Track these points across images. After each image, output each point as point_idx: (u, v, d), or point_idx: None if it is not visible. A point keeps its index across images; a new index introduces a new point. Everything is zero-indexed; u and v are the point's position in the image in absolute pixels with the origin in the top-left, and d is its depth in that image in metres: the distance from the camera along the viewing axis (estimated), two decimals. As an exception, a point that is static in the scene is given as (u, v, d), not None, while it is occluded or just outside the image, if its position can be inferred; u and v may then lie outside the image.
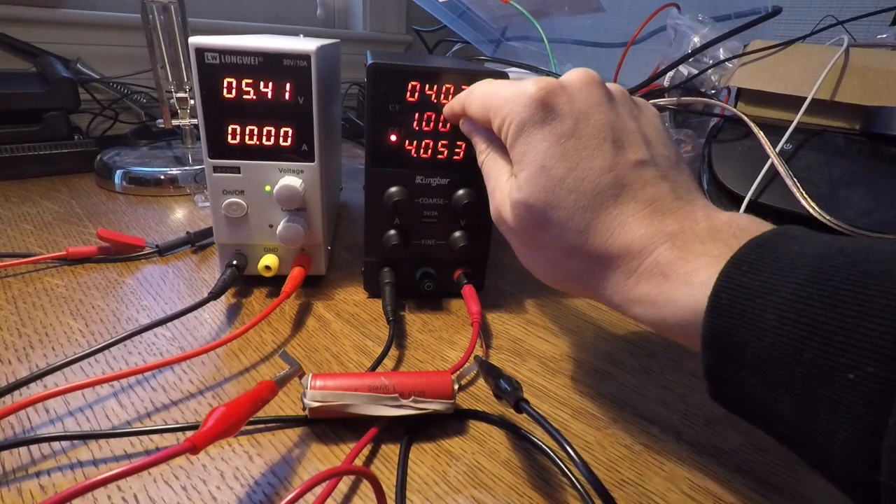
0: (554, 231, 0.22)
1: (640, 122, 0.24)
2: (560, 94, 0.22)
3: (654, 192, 0.21)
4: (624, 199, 0.21)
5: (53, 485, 0.21)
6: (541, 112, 0.22)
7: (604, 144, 0.22)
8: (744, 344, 0.16)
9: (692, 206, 0.21)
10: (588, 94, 0.23)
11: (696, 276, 0.18)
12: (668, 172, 0.22)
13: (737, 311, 0.16)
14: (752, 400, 0.17)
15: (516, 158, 0.23)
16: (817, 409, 0.14)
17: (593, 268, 0.22)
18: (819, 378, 0.14)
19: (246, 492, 0.21)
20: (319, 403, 0.24)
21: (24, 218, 0.48)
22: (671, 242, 0.20)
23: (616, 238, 0.21)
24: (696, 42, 0.56)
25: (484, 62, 0.65)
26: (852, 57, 0.44)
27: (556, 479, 0.23)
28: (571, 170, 0.21)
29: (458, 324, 0.35)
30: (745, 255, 0.17)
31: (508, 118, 0.23)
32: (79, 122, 0.72)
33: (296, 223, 0.34)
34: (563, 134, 0.22)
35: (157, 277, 0.39)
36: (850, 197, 0.40)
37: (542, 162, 0.22)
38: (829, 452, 0.15)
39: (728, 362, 0.17)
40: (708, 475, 0.24)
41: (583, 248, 0.22)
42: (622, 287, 0.21)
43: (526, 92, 0.22)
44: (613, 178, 0.21)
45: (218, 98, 0.31)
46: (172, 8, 0.56)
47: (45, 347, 0.30)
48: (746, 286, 0.16)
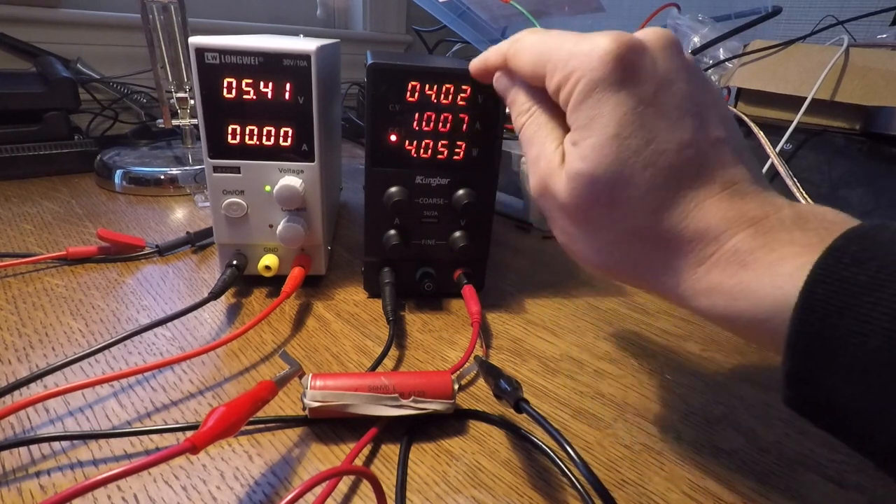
0: (618, 210, 0.20)
1: (714, 95, 0.21)
2: (642, 54, 0.19)
3: (734, 174, 0.19)
4: (703, 180, 0.19)
5: (53, 485, 0.21)
6: (619, 72, 0.19)
7: (685, 117, 0.19)
8: (842, 346, 0.14)
9: (770, 192, 0.19)
10: (671, 58, 0.20)
11: (782, 266, 0.16)
12: (743, 154, 0.20)
13: (835, 307, 0.14)
14: (844, 409, 0.15)
15: (581, 122, 0.20)
16: None
17: (657, 254, 0.20)
18: None
19: (246, 492, 0.21)
20: (319, 403, 0.24)
21: (24, 218, 0.48)
22: (753, 229, 0.18)
23: (691, 221, 0.19)
24: (696, 42, 0.56)
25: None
26: (852, 57, 0.44)
27: (556, 479, 0.23)
28: (649, 142, 0.19)
29: (458, 324, 0.35)
30: (844, 247, 0.15)
31: (576, 74, 0.20)
32: (79, 122, 0.72)
33: (296, 223, 0.34)
34: (643, 100, 0.19)
35: (157, 277, 0.39)
36: (850, 197, 0.40)
37: (616, 130, 0.19)
38: None
39: (819, 366, 0.15)
40: (708, 475, 0.24)
41: (650, 232, 0.19)
42: (690, 276, 0.19)
43: (601, 46, 0.19)
44: (694, 154, 0.19)
45: (218, 98, 0.31)
46: (172, 8, 0.56)
47: (45, 347, 0.30)
48: (849, 280, 0.14)
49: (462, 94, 0.32)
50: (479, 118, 0.32)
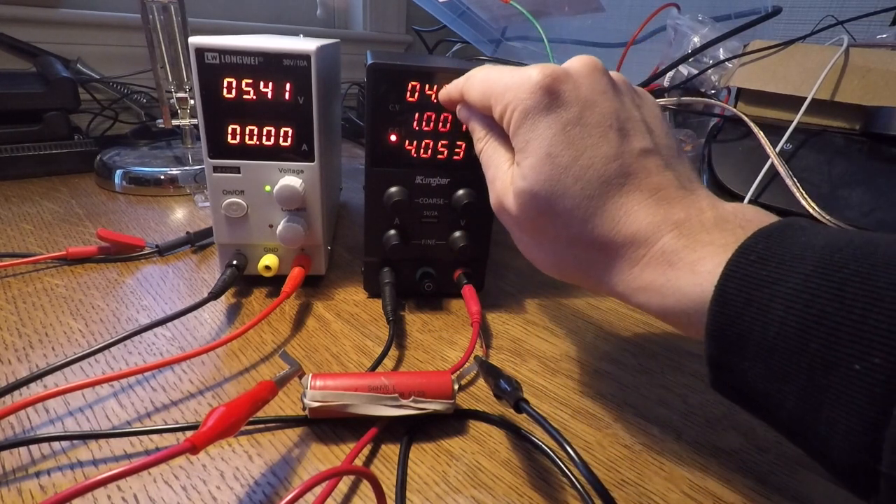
0: (559, 220, 0.22)
1: (642, 110, 0.24)
2: (565, 81, 0.22)
3: (660, 180, 0.21)
4: (630, 188, 0.21)
5: (53, 485, 0.21)
6: (546, 99, 0.22)
7: (609, 132, 0.22)
8: (749, 333, 0.16)
9: (696, 195, 0.21)
10: (593, 82, 0.22)
11: (702, 264, 0.18)
12: (670, 161, 0.22)
13: (743, 300, 0.16)
14: (754, 389, 0.17)
15: (519, 146, 0.23)
16: (821, 398, 0.15)
17: (598, 256, 0.22)
18: (824, 368, 0.14)
19: (246, 492, 0.21)
20: (319, 403, 0.24)
21: (24, 218, 0.48)
22: (678, 231, 0.20)
23: (622, 226, 0.21)
24: (696, 42, 0.56)
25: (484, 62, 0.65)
26: (852, 57, 0.44)
27: (556, 479, 0.23)
28: (577, 158, 0.21)
29: (458, 324, 0.35)
30: (752, 245, 0.17)
31: (511, 105, 0.23)
32: (79, 122, 0.72)
33: (296, 223, 0.34)
34: (569, 121, 0.22)
35: (157, 277, 0.39)
36: (850, 197, 0.40)
37: (548, 150, 0.21)
38: (830, 442, 0.15)
39: (732, 351, 0.17)
40: (708, 475, 0.24)
41: (588, 237, 0.22)
42: (627, 275, 0.21)
43: (531, 78, 0.22)
44: (619, 166, 0.21)
45: (218, 98, 0.31)
46: (172, 8, 0.56)
47: (45, 347, 0.30)
48: (754, 276, 0.16)
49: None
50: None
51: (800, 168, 0.42)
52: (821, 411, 0.15)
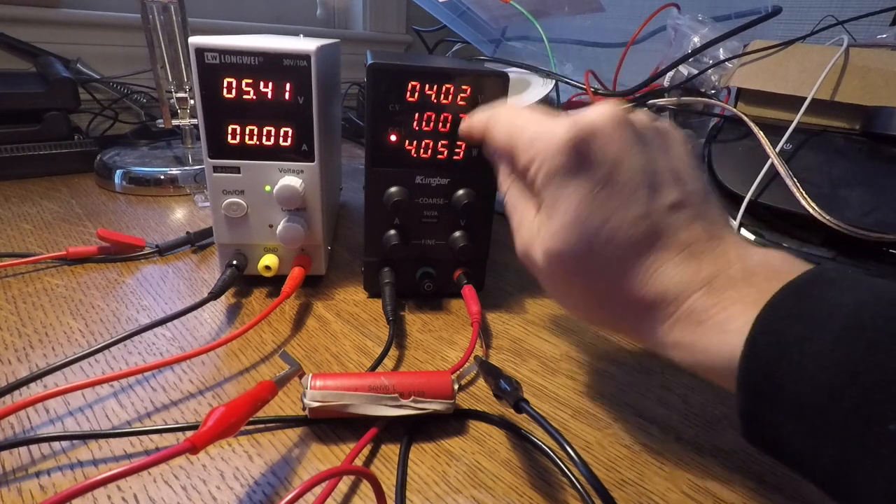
0: (588, 279, 0.22)
1: (669, 155, 0.23)
2: (594, 141, 0.21)
3: (689, 235, 0.21)
4: (660, 246, 0.21)
5: (53, 485, 0.21)
6: (574, 161, 0.21)
7: (638, 191, 0.21)
8: (781, 390, 0.16)
9: (724, 244, 0.21)
10: (620, 137, 0.22)
11: (731, 323, 0.18)
12: (699, 210, 0.22)
13: (774, 356, 0.16)
14: (789, 444, 0.17)
15: (547, 202, 0.22)
16: (858, 457, 0.14)
17: (628, 312, 0.22)
18: (860, 427, 0.14)
19: (246, 492, 0.21)
20: (319, 403, 0.24)
21: (24, 218, 0.48)
22: (707, 289, 0.20)
23: (651, 286, 0.21)
24: (696, 42, 0.56)
25: (484, 62, 0.65)
26: (852, 57, 0.44)
27: (556, 479, 0.23)
28: (606, 221, 0.21)
29: (458, 324, 0.35)
30: (781, 302, 0.17)
31: (538, 160, 0.22)
32: (79, 122, 0.72)
33: (296, 223, 0.34)
34: (598, 182, 0.21)
35: (157, 277, 0.39)
36: (850, 197, 0.40)
37: (576, 213, 0.21)
38: (871, 499, 0.14)
39: (765, 407, 0.17)
40: (708, 475, 0.24)
41: (617, 296, 0.22)
42: (657, 332, 0.21)
43: (558, 136, 0.21)
44: (648, 225, 0.21)
45: (218, 98, 0.31)
46: (172, 8, 0.56)
47: (45, 347, 0.30)
48: (784, 333, 0.16)
49: (462, 94, 0.32)
50: (479, 118, 0.32)
51: (800, 168, 0.42)
52: (859, 470, 0.15)
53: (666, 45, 0.61)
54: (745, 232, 0.43)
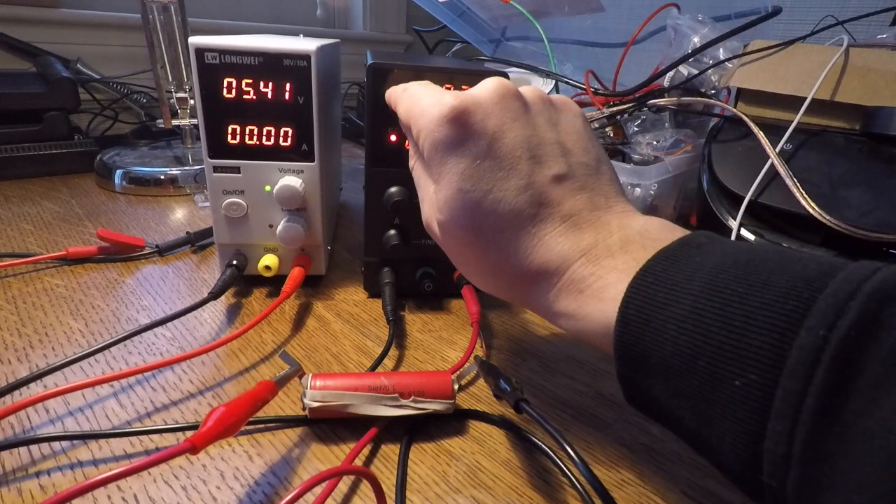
0: (477, 250, 0.22)
1: (558, 128, 0.23)
2: (475, 112, 0.22)
3: (571, 206, 0.21)
4: (542, 217, 0.21)
5: (53, 485, 0.21)
6: (454, 132, 0.21)
7: (519, 163, 0.21)
8: (649, 353, 0.17)
9: (608, 214, 0.21)
10: (503, 109, 0.22)
11: (607, 291, 0.19)
12: (586, 181, 0.22)
13: (642, 321, 0.17)
14: (658, 404, 0.18)
15: (434, 177, 0.23)
16: (710, 414, 0.15)
17: (518, 283, 0.22)
18: (711, 385, 0.15)
19: (246, 492, 0.21)
20: (319, 403, 0.24)
21: (24, 218, 0.48)
22: (585, 258, 0.20)
23: (535, 257, 0.21)
24: (696, 42, 0.56)
25: (484, 62, 0.65)
26: (852, 57, 0.44)
27: (556, 479, 0.23)
28: (488, 192, 0.21)
29: (458, 324, 0.35)
30: (651, 267, 0.18)
31: (423, 134, 0.22)
32: (79, 122, 0.72)
33: (296, 223, 0.34)
34: (478, 155, 0.21)
35: (157, 277, 0.39)
36: (850, 197, 0.40)
37: (459, 185, 0.21)
38: (722, 453, 0.16)
39: (636, 370, 0.18)
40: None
41: (505, 266, 0.22)
42: (545, 301, 0.21)
43: (440, 109, 0.22)
44: (530, 196, 0.21)
45: (218, 98, 0.31)
46: (172, 8, 0.56)
47: (45, 347, 0.30)
48: (651, 298, 0.17)
49: (462, 94, 0.32)
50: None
51: (800, 168, 0.42)
52: (712, 426, 0.16)
53: (666, 45, 0.61)
54: (745, 232, 0.43)
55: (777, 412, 0.13)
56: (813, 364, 0.13)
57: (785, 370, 0.13)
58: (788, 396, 0.13)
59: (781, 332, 0.14)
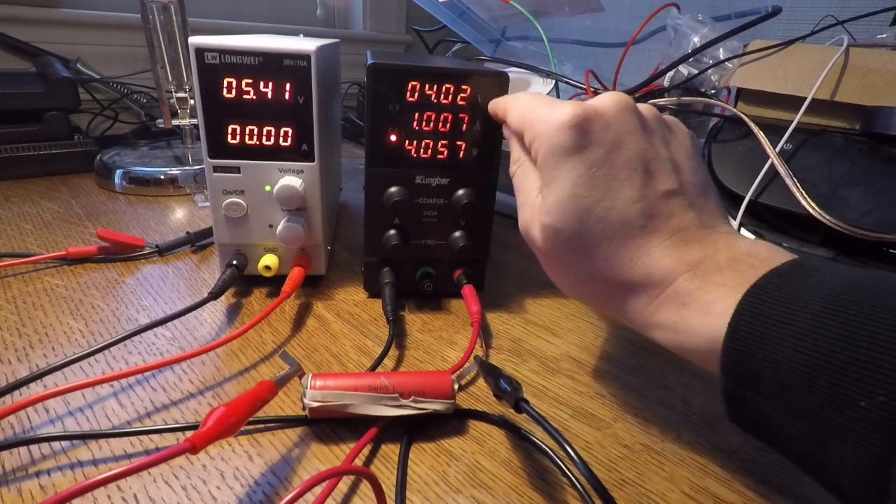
0: (580, 256, 0.23)
1: (671, 146, 0.24)
2: (595, 122, 0.22)
3: (680, 221, 0.22)
4: (650, 230, 0.21)
5: (53, 485, 0.21)
6: (574, 139, 0.22)
7: (634, 175, 0.22)
8: (761, 370, 0.17)
9: (715, 234, 0.22)
10: (622, 122, 0.23)
11: (714, 306, 0.19)
12: (695, 200, 0.23)
13: (755, 338, 0.17)
14: (768, 422, 0.17)
15: (545, 181, 0.23)
16: (830, 434, 0.15)
17: (617, 292, 0.23)
18: (832, 405, 0.15)
19: (246, 492, 0.21)
20: (319, 403, 0.24)
21: (24, 218, 0.48)
22: (692, 273, 0.20)
23: (639, 267, 0.21)
24: (696, 42, 0.56)
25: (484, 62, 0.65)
26: (852, 57, 0.44)
27: (556, 479, 0.23)
28: (600, 200, 0.22)
29: (458, 324, 0.35)
30: (764, 286, 0.18)
31: (540, 139, 0.23)
32: (79, 122, 0.72)
33: (296, 223, 0.34)
34: (595, 163, 0.22)
35: (157, 277, 0.39)
36: (850, 197, 0.40)
37: (573, 190, 0.22)
38: (841, 476, 0.15)
39: (746, 387, 0.17)
40: (708, 475, 0.24)
41: (607, 274, 0.22)
42: (643, 312, 0.22)
43: (561, 116, 0.22)
44: (641, 208, 0.22)
45: (218, 98, 0.31)
46: (172, 8, 0.56)
47: (45, 347, 0.30)
48: (765, 315, 0.17)
49: (462, 94, 0.32)
50: (479, 118, 0.32)
51: (800, 168, 0.42)
52: (831, 446, 0.15)
53: (666, 45, 0.61)
54: (745, 232, 0.43)
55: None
56: None
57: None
58: None
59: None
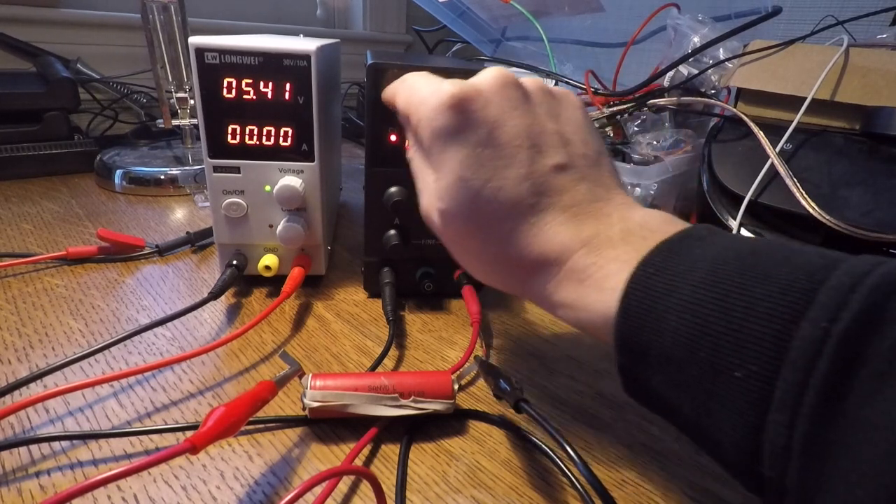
0: (478, 239, 0.22)
1: (559, 119, 0.23)
2: (475, 100, 0.21)
3: (572, 196, 0.21)
4: (542, 207, 0.21)
5: (53, 485, 0.21)
6: (454, 120, 0.21)
7: (520, 152, 0.21)
8: (649, 343, 0.17)
9: (609, 205, 0.21)
10: (503, 98, 0.22)
11: (607, 281, 0.19)
12: (586, 172, 0.22)
13: (643, 311, 0.17)
14: (657, 395, 0.18)
15: (434, 165, 0.22)
16: (709, 404, 0.15)
17: (518, 273, 0.22)
18: (711, 376, 0.15)
19: (246, 492, 0.21)
20: (319, 403, 0.24)
21: (24, 218, 0.48)
22: (586, 248, 0.20)
23: (534, 246, 0.21)
24: (696, 42, 0.56)
25: (484, 62, 0.65)
26: (852, 57, 0.44)
27: (556, 479, 0.23)
28: (488, 180, 0.21)
29: (458, 324, 0.35)
30: (651, 258, 0.18)
31: (422, 123, 0.22)
32: (79, 122, 0.72)
33: (296, 223, 0.34)
34: (478, 143, 0.21)
35: (157, 277, 0.39)
36: (850, 197, 0.40)
37: (459, 173, 0.21)
38: (721, 445, 0.15)
39: (636, 360, 0.18)
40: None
41: (505, 256, 0.22)
42: (544, 291, 0.21)
43: (440, 97, 0.21)
44: (530, 185, 0.21)
45: (218, 98, 0.31)
46: (172, 8, 0.56)
47: (45, 347, 0.30)
48: (651, 288, 0.17)
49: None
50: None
51: (800, 168, 0.42)
52: (711, 417, 0.15)
53: (666, 45, 0.61)
54: (744, 232, 0.43)
55: (778, 404, 0.13)
56: (814, 356, 0.13)
57: (786, 362, 0.13)
58: (789, 388, 0.13)
59: (783, 323, 0.14)
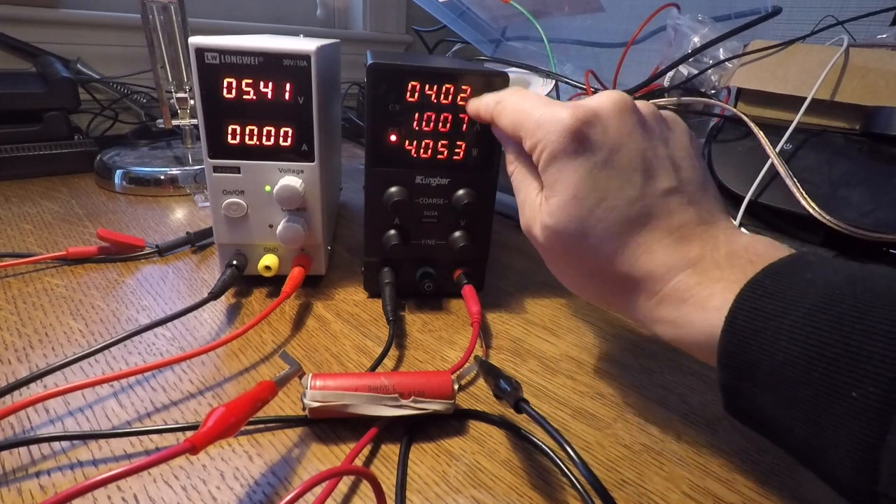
0: (582, 255, 0.23)
1: (669, 144, 0.24)
2: (594, 125, 0.23)
3: (680, 219, 0.22)
4: (651, 228, 0.22)
5: (53, 485, 0.21)
6: (575, 143, 0.22)
7: (634, 175, 0.22)
8: (757, 362, 0.17)
9: (714, 229, 0.22)
10: (621, 123, 0.23)
11: (712, 300, 0.19)
12: (694, 196, 0.23)
13: (751, 331, 0.17)
14: (763, 414, 0.18)
15: (548, 183, 0.24)
16: (823, 424, 0.16)
17: (618, 289, 0.23)
18: (826, 396, 0.15)
19: (246, 492, 0.21)
20: (319, 403, 0.24)
21: (24, 218, 0.48)
22: (692, 269, 0.21)
23: (640, 263, 0.22)
24: (696, 42, 0.56)
25: (484, 62, 0.65)
26: (852, 57, 0.44)
27: (556, 479, 0.23)
28: (602, 200, 0.22)
29: (458, 324, 0.35)
30: (760, 281, 0.18)
31: (541, 144, 0.23)
32: (79, 122, 0.72)
33: (296, 223, 0.34)
34: (596, 165, 0.22)
35: (157, 277, 0.39)
36: (850, 197, 0.40)
37: (574, 192, 0.22)
38: (834, 464, 0.16)
39: (742, 379, 0.18)
40: (708, 475, 0.24)
41: (609, 272, 0.23)
42: (644, 307, 0.22)
43: (560, 121, 0.22)
44: (641, 207, 0.22)
45: (218, 98, 0.31)
46: (172, 8, 0.56)
47: (45, 347, 0.30)
48: (761, 309, 0.17)
49: (462, 94, 0.32)
50: (479, 118, 0.32)
51: (800, 168, 0.42)
52: (824, 436, 0.16)
53: (666, 45, 0.61)
54: (744, 231, 0.43)
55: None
56: None
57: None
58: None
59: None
